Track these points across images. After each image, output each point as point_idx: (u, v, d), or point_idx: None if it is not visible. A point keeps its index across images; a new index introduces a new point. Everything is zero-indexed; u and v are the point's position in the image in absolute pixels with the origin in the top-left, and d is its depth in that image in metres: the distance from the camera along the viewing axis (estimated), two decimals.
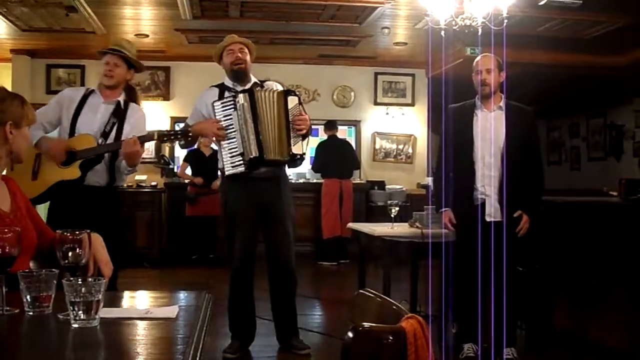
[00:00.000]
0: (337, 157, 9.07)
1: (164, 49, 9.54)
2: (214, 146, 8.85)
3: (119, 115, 4.11)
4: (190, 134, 4.26)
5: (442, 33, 5.29)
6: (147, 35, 8.76)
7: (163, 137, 4.19)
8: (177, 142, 4.36)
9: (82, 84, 9.90)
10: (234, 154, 4.30)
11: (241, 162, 4.28)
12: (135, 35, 8.70)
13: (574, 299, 5.53)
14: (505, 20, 4.77)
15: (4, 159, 2.45)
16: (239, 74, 4.45)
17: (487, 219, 4.21)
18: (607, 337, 4.88)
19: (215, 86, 4.56)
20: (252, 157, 4.25)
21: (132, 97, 4.29)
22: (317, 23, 8.18)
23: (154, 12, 7.78)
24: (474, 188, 4.28)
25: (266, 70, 9.69)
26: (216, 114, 4.33)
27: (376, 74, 10.62)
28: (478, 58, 4.40)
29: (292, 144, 4.32)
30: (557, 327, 5.02)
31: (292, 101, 4.35)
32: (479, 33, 5.32)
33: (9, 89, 2.57)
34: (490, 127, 4.25)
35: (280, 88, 4.50)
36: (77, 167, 3.95)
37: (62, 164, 3.96)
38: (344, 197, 9.07)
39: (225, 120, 4.31)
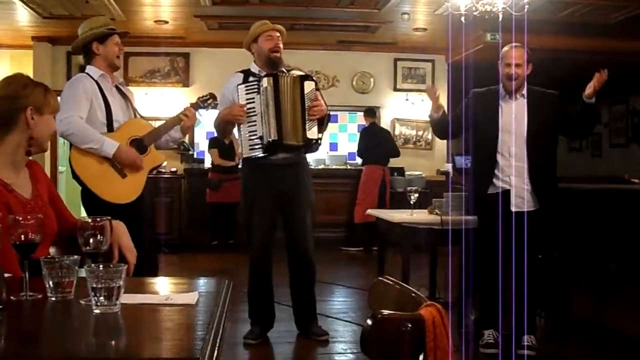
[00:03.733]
0: (380, 145, 9.11)
1: (183, 35, 9.55)
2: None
3: (124, 95, 4.08)
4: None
5: (462, 19, 5.25)
6: (166, 22, 8.78)
7: (204, 102, 4.29)
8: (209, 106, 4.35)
9: None
10: (252, 137, 4.31)
11: (260, 145, 4.29)
12: (155, 21, 8.72)
13: (594, 286, 5.50)
14: (527, 6, 4.73)
15: (24, 145, 2.45)
16: (274, 62, 4.42)
17: (513, 209, 4.18)
18: (628, 325, 4.85)
19: (241, 72, 4.55)
20: (270, 140, 4.25)
21: None
22: (337, 9, 8.16)
23: None
24: (497, 177, 4.26)
25: (285, 56, 9.68)
26: (239, 98, 4.34)
27: (396, 60, 10.56)
28: (507, 49, 4.27)
29: (307, 129, 4.32)
30: (577, 315, 5.00)
31: (308, 86, 4.35)
32: (500, 19, 5.28)
33: (30, 75, 2.58)
34: (514, 117, 4.21)
35: (299, 73, 4.48)
36: (156, 151, 4.00)
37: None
38: (386, 184, 9.12)
39: (248, 103, 4.31)
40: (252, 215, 4.47)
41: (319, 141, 4.45)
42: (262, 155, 4.33)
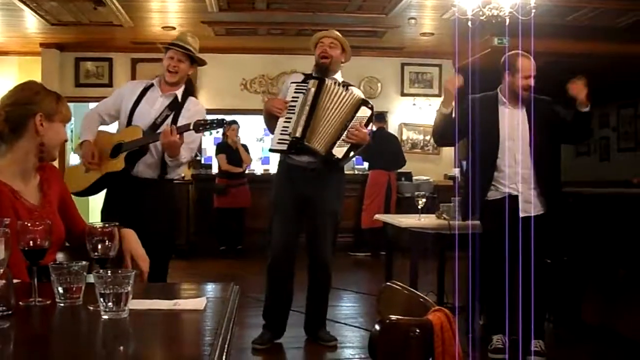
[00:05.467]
0: (387, 150, 9.10)
1: None
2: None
3: (174, 107, 4.06)
4: (225, 123, 4.17)
5: (469, 23, 5.25)
6: (173, 28, 8.80)
7: (198, 127, 3.96)
8: (211, 131, 4.36)
9: (110, 77, 10.01)
10: (284, 132, 4.34)
11: (286, 140, 4.31)
12: (162, 27, 8.75)
13: (602, 291, 5.48)
14: (533, 10, 4.72)
15: (34, 152, 2.46)
16: (322, 67, 4.47)
17: (521, 214, 4.19)
18: (637, 330, 4.82)
19: (303, 73, 4.61)
20: (293, 137, 4.28)
21: (190, 90, 4.23)
22: (344, 14, 8.17)
23: (180, 4, 7.82)
24: (504, 184, 4.25)
25: (293, 61, 9.71)
26: (288, 94, 4.41)
27: (403, 64, 10.57)
28: (524, 60, 4.27)
29: (335, 144, 4.29)
30: (586, 320, 4.98)
31: (363, 111, 4.32)
32: (507, 23, 5.28)
33: (39, 82, 2.59)
34: (518, 125, 4.23)
35: (359, 94, 4.45)
36: (122, 159, 3.93)
37: (110, 156, 3.95)
38: (392, 189, 9.11)
39: (292, 101, 4.37)
40: (274, 217, 4.50)
41: (341, 162, 4.41)
42: (284, 149, 4.34)
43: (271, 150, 4.56)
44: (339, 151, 4.30)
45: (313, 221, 4.49)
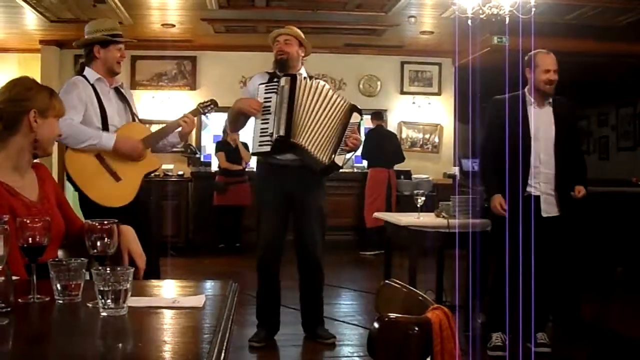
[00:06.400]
0: (386, 147, 9.08)
1: (190, 38, 9.57)
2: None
3: (124, 97, 4.08)
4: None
5: (469, 22, 5.25)
6: (173, 25, 8.80)
7: (205, 108, 4.28)
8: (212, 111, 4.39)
9: None
10: (263, 134, 4.31)
11: (268, 141, 4.29)
12: (162, 25, 8.75)
13: (602, 290, 5.49)
14: (533, 9, 4.72)
15: (28, 148, 2.46)
16: (280, 64, 4.47)
17: (544, 214, 4.23)
18: (635, 328, 4.83)
19: (268, 72, 4.58)
20: (277, 136, 4.26)
21: None
22: (344, 12, 8.16)
23: (180, 1, 7.81)
24: (527, 184, 4.25)
25: None
26: (259, 96, 4.37)
27: (402, 63, 10.56)
28: (543, 55, 4.28)
29: (336, 153, 4.32)
30: (585, 318, 4.98)
31: (355, 117, 4.36)
32: (507, 21, 5.28)
33: (38, 79, 2.60)
34: (543, 124, 4.24)
35: (330, 88, 4.46)
36: (152, 155, 3.96)
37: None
38: (392, 187, 9.11)
39: (265, 102, 4.34)
40: (261, 215, 4.51)
41: (340, 169, 4.47)
42: (268, 150, 4.31)
43: (254, 153, 4.51)
44: (339, 159, 4.35)
45: (300, 218, 4.49)
